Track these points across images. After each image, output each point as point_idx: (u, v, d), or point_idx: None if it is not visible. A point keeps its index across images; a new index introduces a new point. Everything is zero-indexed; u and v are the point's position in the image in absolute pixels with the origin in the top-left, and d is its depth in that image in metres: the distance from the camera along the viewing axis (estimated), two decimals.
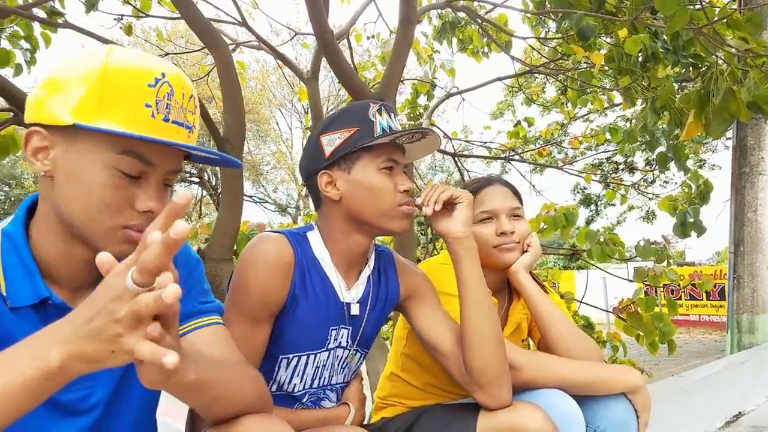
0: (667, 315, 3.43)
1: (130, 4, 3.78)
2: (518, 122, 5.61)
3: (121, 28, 3.95)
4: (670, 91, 3.17)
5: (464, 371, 1.15)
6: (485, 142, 5.26)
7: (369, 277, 1.26)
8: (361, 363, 1.31)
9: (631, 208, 17.81)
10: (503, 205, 1.44)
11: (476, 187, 1.49)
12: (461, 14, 4.39)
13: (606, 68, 3.86)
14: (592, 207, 18.61)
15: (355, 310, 1.22)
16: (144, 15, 3.85)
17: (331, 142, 1.16)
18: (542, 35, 4.52)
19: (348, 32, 4.23)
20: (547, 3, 3.50)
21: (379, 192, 1.15)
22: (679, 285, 3.80)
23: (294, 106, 16.73)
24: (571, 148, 5.76)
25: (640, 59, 3.41)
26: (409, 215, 1.20)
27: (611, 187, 5.78)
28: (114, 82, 0.77)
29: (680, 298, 13.13)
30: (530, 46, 4.62)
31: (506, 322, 1.50)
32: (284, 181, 18.02)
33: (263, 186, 18.05)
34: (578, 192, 16.83)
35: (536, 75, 5.82)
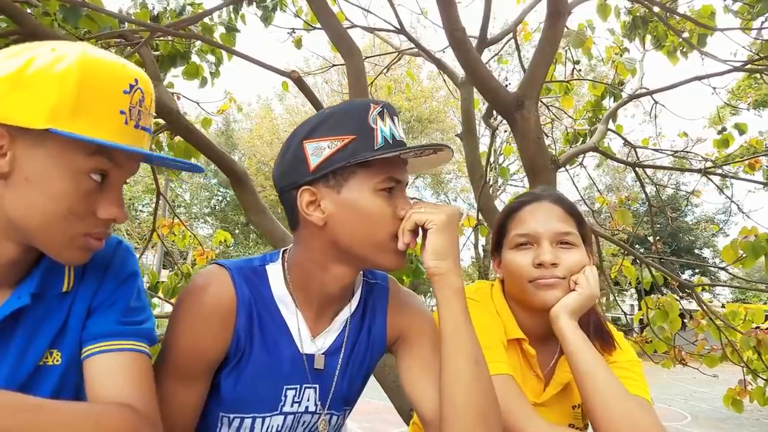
0: None
1: (300, 18, 3.99)
2: (723, 129, 4.78)
3: (292, 41, 4.20)
4: None
5: None
6: (676, 152, 4.54)
7: (347, 320, 1.03)
8: (341, 425, 1.08)
9: None
10: (546, 228, 1.13)
11: (517, 204, 1.19)
12: (655, 9, 3.85)
13: None
14: None
15: (319, 363, 0.99)
16: (313, 27, 4.03)
17: (318, 150, 0.92)
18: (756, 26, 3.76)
19: (515, 31, 3.96)
20: None
21: (375, 219, 0.92)
22: None
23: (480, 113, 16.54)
24: None
25: None
26: (406, 251, 0.95)
27: None
28: (91, 88, 0.74)
29: None
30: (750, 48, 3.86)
31: (550, 380, 1.17)
32: (464, 191, 17.93)
33: (445, 195, 18.18)
34: None
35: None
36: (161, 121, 2.36)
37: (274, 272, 1.00)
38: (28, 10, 2.23)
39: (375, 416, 7.72)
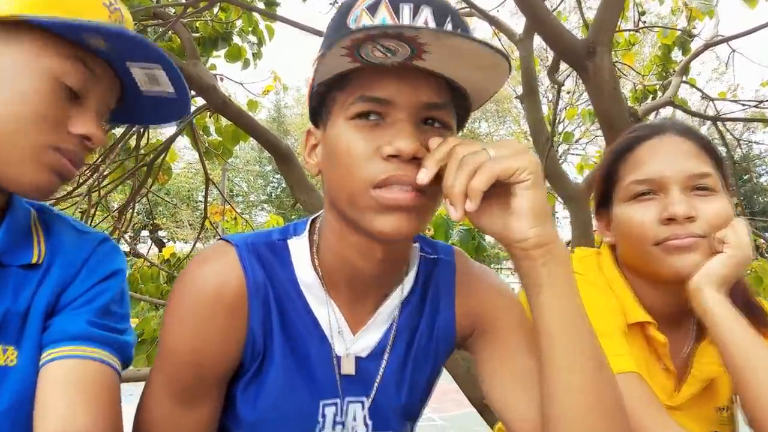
0: None
1: None
2: None
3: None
4: None
5: None
6: (760, 102, 4.10)
7: (397, 308, 0.77)
8: None
9: None
10: (676, 170, 0.84)
11: (630, 140, 0.91)
12: None
13: None
14: None
15: (361, 368, 0.75)
16: None
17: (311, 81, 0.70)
18: None
19: None
20: None
21: (343, 161, 0.64)
22: None
23: (541, 82, 15.90)
24: None
25: None
26: (401, 207, 0.63)
27: None
28: None
29: None
30: None
31: (686, 375, 0.91)
32: None
33: None
34: None
35: None
36: (201, 100, 2.23)
37: (299, 248, 0.75)
38: None
39: (443, 397, 7.60)
